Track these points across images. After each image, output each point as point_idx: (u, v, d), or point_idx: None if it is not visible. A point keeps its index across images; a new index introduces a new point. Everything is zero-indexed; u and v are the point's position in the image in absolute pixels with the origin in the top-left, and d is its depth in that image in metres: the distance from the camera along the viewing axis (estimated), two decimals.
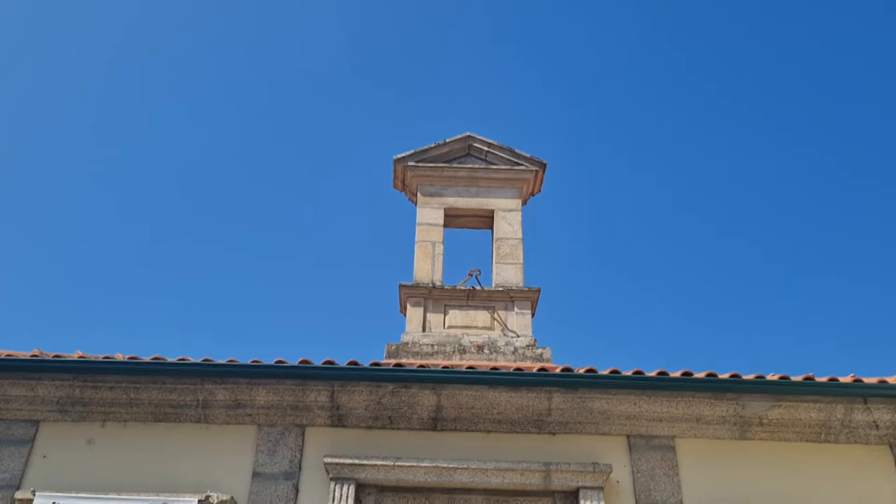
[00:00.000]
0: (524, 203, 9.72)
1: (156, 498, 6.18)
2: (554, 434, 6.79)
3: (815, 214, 23.18)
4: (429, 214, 9.49)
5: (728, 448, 6.75)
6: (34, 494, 6.16)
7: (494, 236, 9.47)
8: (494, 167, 9.68)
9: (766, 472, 6.63)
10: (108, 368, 6.64)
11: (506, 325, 8.73)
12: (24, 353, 6.76)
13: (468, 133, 9.78)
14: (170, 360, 6.71)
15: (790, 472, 6.64)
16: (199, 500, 6.16)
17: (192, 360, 6.72)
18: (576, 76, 24.41)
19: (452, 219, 9.66)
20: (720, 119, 23.94)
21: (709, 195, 23.77)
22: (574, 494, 6.44)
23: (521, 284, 9.01)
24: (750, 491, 6.52)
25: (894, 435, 6.74)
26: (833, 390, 6.61)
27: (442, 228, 9.41)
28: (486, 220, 9.71)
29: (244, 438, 6.71)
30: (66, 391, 6.71)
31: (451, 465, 6.41)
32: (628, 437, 6.78)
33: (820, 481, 6.60)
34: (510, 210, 9.56)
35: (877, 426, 6.72)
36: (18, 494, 6.28)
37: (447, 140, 9.76)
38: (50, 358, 6.71)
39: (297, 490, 6.48)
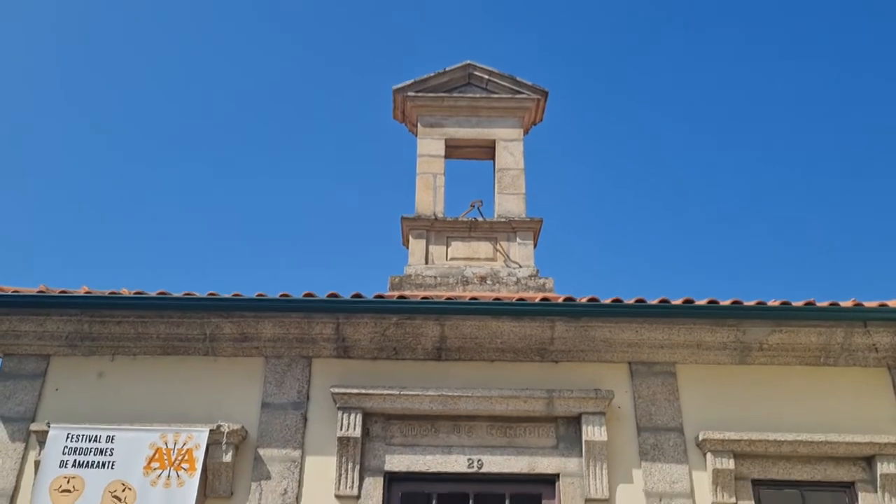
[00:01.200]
0: (526, 132, 9.61)
1: (167, 428, 6.33)
2: (557, 362, 6.90)
3: (815, 142, 22.95)
4: (429, 146, 9.39)
5: (728, 373, 6.87)
6: (49, 426, 6.31)
7: (496, 167, 9.40)
8: (495, 96, 9.53)
9: (765, 396, 6.77)
10: (114, 303, 6.70)
11: (508, 256, 8.76)
12: (30, 290, 6.81)
13: (468, 61, 9.59)
14: (175, 294, 6.77)
15: (789, 395, 6.77)
16: (210, 430, 6.31)
17: (198, 294, 6.78)
18: (576, 2, 23.76)
19: (453, 150, 9.57)
20: (723, 45, 23.43)
21: (710, 123, 23.49)
22: (576, 420, 6.58)
23: (524, 215, 9.00)
24: (749, 414, 6.67)
25: (893, 357, 6.85)
26: (833, 315, 6.67)
27: (443, 160, 9.33)
28: (487, 150, 9.62)
29: (252, 370, 6.83)
30: (74, 326, 6.79)
31: (456, 394, 6.54)
32: (630, 363, 6.89)
33: (819, 404, 6.74)
34: (512, 140, 9.46)
35: (876, 349, 6.82)
36: (33, 426, 6.43)
37: (447, 69, 9.57)
38: (57, 294, 6.77)
39: (305, 419, 6.63)
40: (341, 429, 6.41)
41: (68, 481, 6.04)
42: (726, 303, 6.71)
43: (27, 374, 6.78)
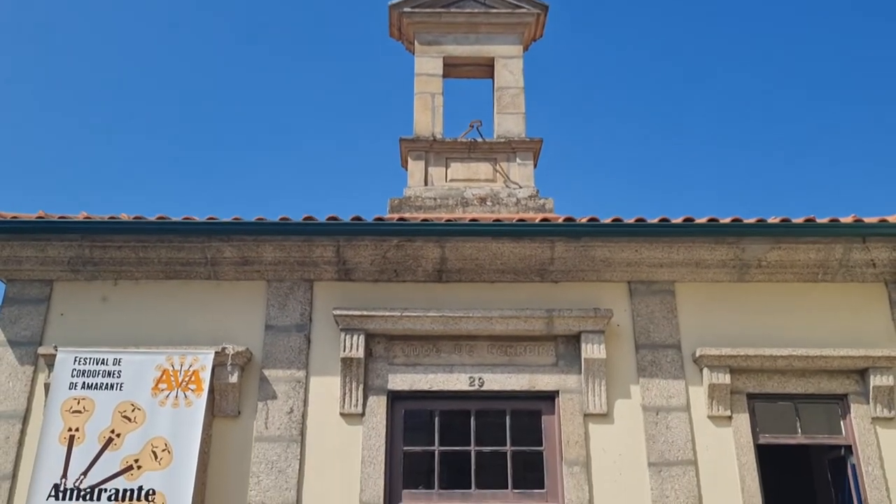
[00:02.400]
0: (525, 49, 9.38)
1: (173, 350, 6.43)
2: (556, 282, 6.95)
3: (817, 59, 22.43)
4: (427, 64, 9.19)
5: (726, 290, 6.93)
6: (56, 350, 6.41)
7: (495, 85, 9.22)
8: (494, 10, 9.25)
9: (762, 312, 6.85)
10: (114, 228, 6.69)
11: (508, 177, 8.70)
12: (29, 215, 6.79)
13: None
14: (174, 219, 6.75)
15: (787, 311, 6.85)
16: (215, 352, 6.41)
17: (197, 218, 6.76)
18: None
19: (452, 68, 9.36)
20: None
21: (712, 41, 22.93)
22: (576, 338, 6.68)
23: (523, 135, 8.89)
24: (746, 330, 6.76)
25: (891, 272, 6.89)
26: (833, 231, 6.67)
27: (441, 79, 9.14)
28: (486, 68, 9.42)
29: (254, 294, 6.88)
30: (75, 251, 6.81)
31: (457, 314, 6.61)
32: (629, 283, 6.94)
33: (816, 319, 6.82)
34: (511, 57, 9.25)
35: (874, 264, 6.85)
36: (41, 350, 6.54)
37: None
38: (56, 219, 6.76)
39: (309, 341, 6.73)
40: (344, 350, 6.52)
41: (78, 402, 6.19)
42: (726, 220, 6.70)
43: (31, 300, 6.85)
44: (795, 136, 22.62)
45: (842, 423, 6.61)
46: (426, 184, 8.66)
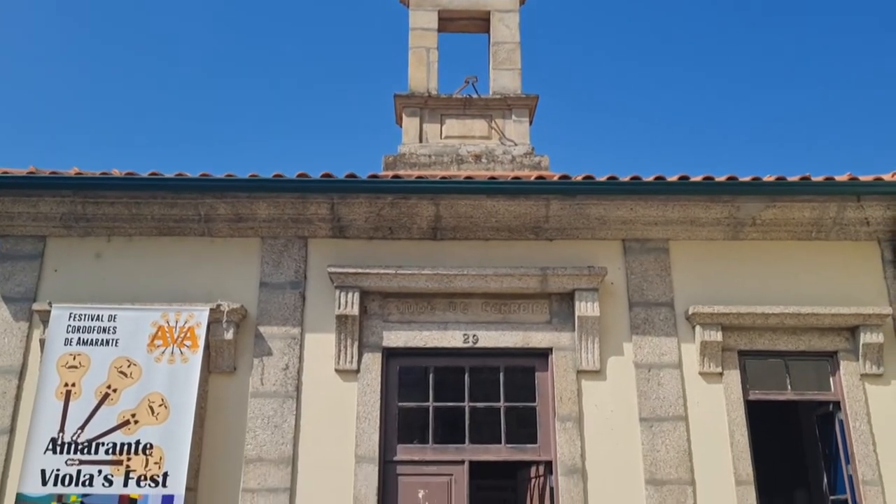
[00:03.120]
0: (522, 3, 9.22)
1: (168, 307, 6.43)
2: (551, 240, 6.95)
3: (814, 14, 22.16)
4: (422, 18, 9.03)
5: (720, 248, 6.95)
6: (51, 306, 6.41)
7: (491, 40, 9.09)
8: None
9: (755, 270, 6.88)
10: (106, 184, 6.64)
11: (503, 134, 8.63)
12: (21, 171, 6.73)
13: None
14: (167, 175, 6.70)
15: (779, 269, 6.89)
16: (210, 309, 6.42)
17: (190, 175, 6.70)
18: None
19: (447, 22, 9.21)
20: None
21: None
22: (570, 296, 6.71)
23: (519, 91, 8.79)
24: (739, 288, 6.80)
25: (884, 231, 6.91)
26: (828, 189, 6.67)
27: (436, 33, 9.00)
28: (482, 22, 9.27)
29: (249, 251, 6.87)
30: (67, 207, 6.76)
31: (452, 272, 6.62)
32: (623, 241, 6.94)
33: (807, 277, 6.86)
34: (507, 11, 9.09)
35: (868, 223, 6.86)
36: (36, 306, 6.54)
37: None
38: (47, 175, 6.70)
39: (303, 298, 6.74)
40: (339, 307, 6.53)
41: (74, 358, 6.21)
42: (722, 178, 6.69)
43: (25, 255, 6.82)
44: (792, 95, 22.46)
45: (831, 379, 6.70)
46: (421, 141, 8.59)
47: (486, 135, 8.64)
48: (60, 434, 5.99)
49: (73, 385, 6.13)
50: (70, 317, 6.31)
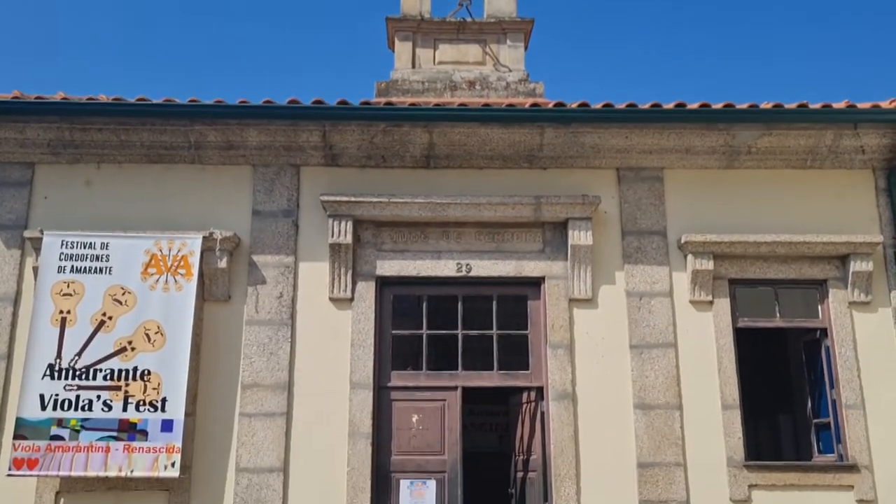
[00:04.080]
0: None
1: (161, 235, 6.42)
2: (545, 169, 6.90)
3: None
4: None
5: (714, 177, 6.92)
6: (42, 233, 6.38)
7: None
8: None
9: (749, 199, 6.88)
10: (92, 110, 6.52)
11: (497, 60, 8.46)
12: (5, 95, 6.59)
13: None
14: (155, 101, 6.57)
15: (773, 198, 6.88)
16: (203, 237, 6.41)
17: (179, 101, 6.59)
18: None
19: None
20: None
21: None
22: (563, 225, 6.72)
23: (514, 14, 8.58)
24: (732, 217, 6.81)
25: (879, 159, 6.89)
26: (825, 116, 6.62)
27: None
28: None
29: (240, 179, 6.81)
30: (54, 133, 6.65)
31: (445, 201, 6.60)
32: (618, 169, 6.90)
33: (801, 206, 6.87)
34: None
35: (863, 151, 6.83)
36: (27, 233, 6.51)
37: None
38: (32, 100, 6.57)
39: (296, 227, 6.72)
40: (332, 236, 6.53)
41: (68, 286, 6.22)
42: (718, 106, 6.61)
43: (13, 182, 6.74)
44: (790, 23, 22.00)
45: (819, 307, 6.79)
46: (414, 66, 8.42)
47: (481, 60, 8.47)
48: (57, 360, 6.05)
49: (69, 312, 6.16)
50: (62, 244, 6.29)
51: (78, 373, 6.05)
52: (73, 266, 6.26)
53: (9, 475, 5.90)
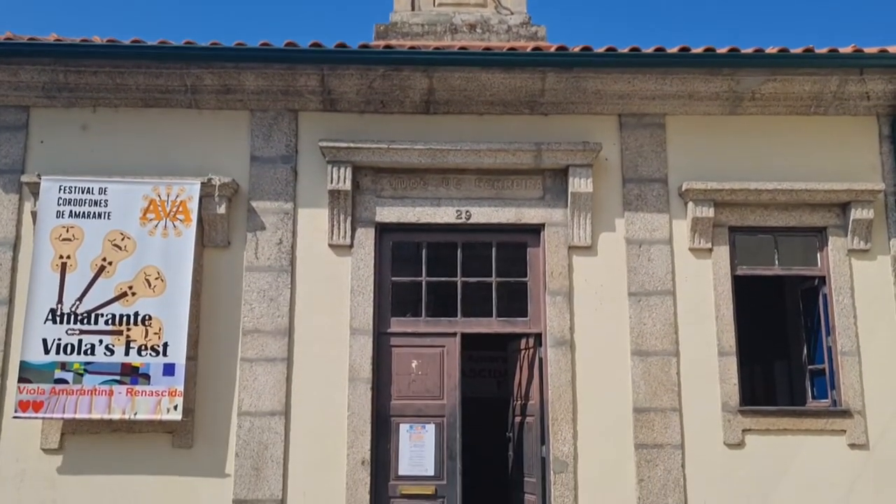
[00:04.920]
0: None
1: (159, 181, 6.38)
2: (546, 115, 6.83)
3: None
4: None
5: (717, 123, 6.85)
6: (40, 178, 6.34)
7: None
8: None
9: (751, 146, 6.82)
10: (86, 52, 6.41)
11: (499, 2, 8.27)
12: None
13: None
14: (150, 43, 6.46)
15: (775, 144, 6.82)
16: (201, 183, 6.38)
17: (174, 43, 6.47)
18: None
19: None
20: None
21: None
22: (563, 172, 6.68)
23: None
24: (734, 164, 6.76)
25: (884, 105, 6.80)
26: (831, 61, 6.51)
27: None
28: None
29: (238, 124, 6.74)
30: (49, 76, 6.55)
31: (445, 147, 6.54)
32: (619, 116, 6.83)
33: (803, 153, 6.81)
34: None
35: (868, 97, 6.74)
36: (24, 178, 6.46)
37: None
38: (25, 41, 6.46)
39: (295, 173, 6.68)
40: (331, 182, 6.49)
41: (67, 230, 6.22)
42: (723, 50, 6.50)
43: (8, 126, 6.67)
44: None
45: (818, 255, 6.80)
46: (413, 9, 8.25)
47: (482, 2, 8.28)
48: (59, 305, 6.09)
49: (69, 257, 6.17)
50: (60, 189, 6.26)
51: (79, 318, 6.08)
52: (71, 211, 6.25)
53: (14, 417, 5.99)
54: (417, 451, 6.44)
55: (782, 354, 8.40)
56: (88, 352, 6.04)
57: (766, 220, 6.72)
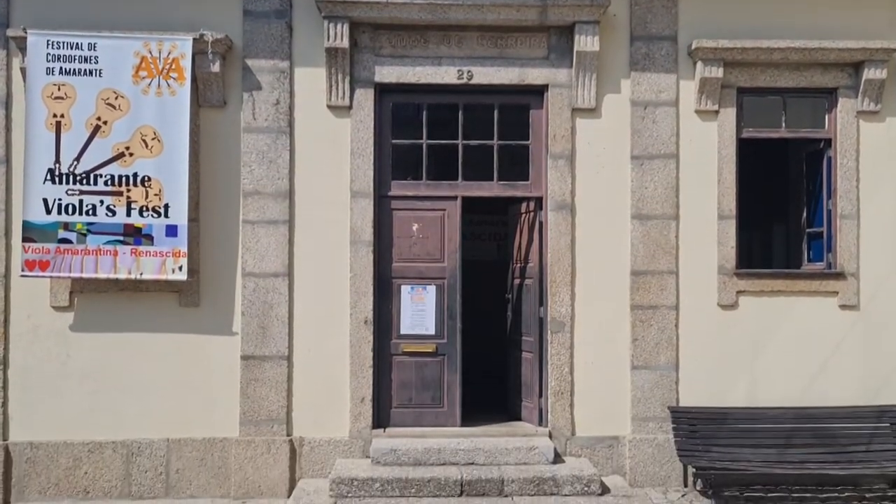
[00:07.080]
0: None
1: (150, 36, 6.14)
2: None
3: None
4: None
5: None
6: (26, 32, 6.10)
7: None
8: None
9: (764, 2, 6.52)
10: None
11: None
12: None
13: None
14: None
15: (790, 0, 6.53)
16: (193, 39, 6.15)
17: None
18: None
19: None
20: None
21: None
22: (569, 29, 6.43)
23: None
24: (747, 21, 6.51)
25: None
26: None
27: None
28: None
29: None
30: None
31: (446, 2, 6.27)
32: None
33: (819, 9, 6.54)
34: None
35: None
36: (10, 32, 6.22)
37: None
38: None
39: (290, 28, 6.44)
40: (328, 39, 6.27)
41: (59, 88, 6.05)
42: None
43: None
44: None
45: (826, 117, 6.67)
46: None
47: None
48: (56, 165, 6.03)
49: (63, 116, 6.04)
50: (48, 44, 6.04)
51: (78, 178, 6.04)
52: (61, 68, 6.05)
53: (21, 276, 6.09)
54: (419, 311, 6.61)
55: (782, 219, 8.42)
56: (90, 212, 6.05)
57: (777, 81, 6.54)
